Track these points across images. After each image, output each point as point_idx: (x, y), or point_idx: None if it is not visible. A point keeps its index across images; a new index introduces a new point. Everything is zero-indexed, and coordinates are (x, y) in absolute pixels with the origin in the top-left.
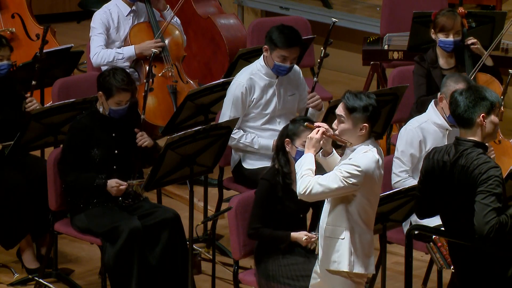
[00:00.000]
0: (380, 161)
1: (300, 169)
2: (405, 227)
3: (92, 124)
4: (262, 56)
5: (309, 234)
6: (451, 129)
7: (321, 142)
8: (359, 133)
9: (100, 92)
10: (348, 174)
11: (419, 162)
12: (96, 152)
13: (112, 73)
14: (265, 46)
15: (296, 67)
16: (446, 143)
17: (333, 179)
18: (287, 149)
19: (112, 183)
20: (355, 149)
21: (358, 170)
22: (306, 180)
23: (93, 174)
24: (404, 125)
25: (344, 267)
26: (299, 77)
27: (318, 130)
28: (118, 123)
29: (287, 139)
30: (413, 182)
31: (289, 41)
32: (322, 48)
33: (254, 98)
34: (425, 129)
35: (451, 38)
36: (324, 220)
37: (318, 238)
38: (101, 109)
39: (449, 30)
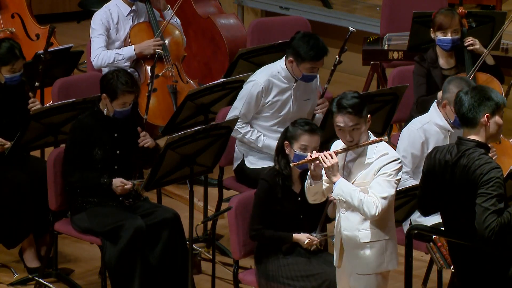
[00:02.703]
0: None
1: (351, 196)
2: (405, 227)
3: (94, 124)
4: (284, 58)
5: (311, 237)
6: (452, 130)
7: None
8: (368, 126)
9: (104, 95)
10: (394, 172)
11: (421, 163)
12: (98, 151)
13: (115, 75)
14: (290, 58)
15: None
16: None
17: (387, 186)
18: (286, 151)
19: (117, 182)
20: (366, 148)
21: (398, 163)
22: (370, 201)
23: (97, 173)
24: (405, 125)
25: (395, 264)
26: (316, 82)
27: (326, 157)
28: (120, 123)
29: (286, 142)
30: (413, 182)
31: (318, 54)
32: (337, 55)
33: (269, 100)
34: (427, 130)
35: (449, 37)
36: (357, 227)
37: (320, 241)
38: (105, 111)
39: (446, 28)
